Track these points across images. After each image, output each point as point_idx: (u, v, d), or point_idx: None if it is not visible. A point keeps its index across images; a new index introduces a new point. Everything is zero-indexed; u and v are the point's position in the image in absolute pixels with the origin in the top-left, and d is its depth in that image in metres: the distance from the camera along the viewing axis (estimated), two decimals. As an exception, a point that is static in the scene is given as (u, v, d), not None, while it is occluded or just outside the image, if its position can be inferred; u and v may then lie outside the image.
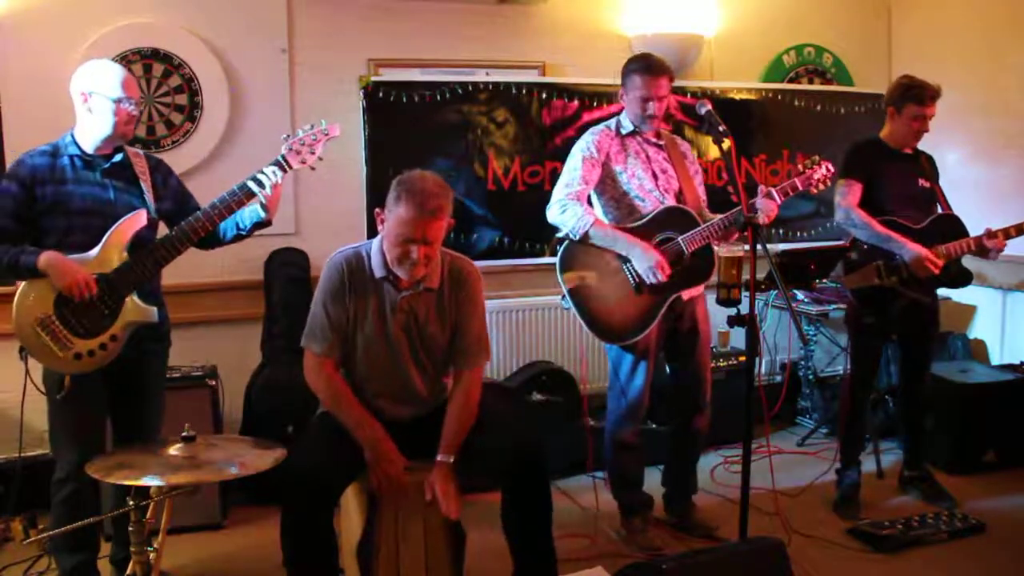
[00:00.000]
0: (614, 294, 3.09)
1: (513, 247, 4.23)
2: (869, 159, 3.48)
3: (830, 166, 3.15)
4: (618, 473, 3.35)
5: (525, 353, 4.36)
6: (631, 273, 3.08)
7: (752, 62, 4.86)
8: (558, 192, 3.14)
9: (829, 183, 3.16)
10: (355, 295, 2.49)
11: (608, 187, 3.20)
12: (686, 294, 3.17)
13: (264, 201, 2.69)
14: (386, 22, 4.12)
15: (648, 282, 3.04)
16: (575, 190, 3.11)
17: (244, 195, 2.66)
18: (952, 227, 3.47)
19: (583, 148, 3.17)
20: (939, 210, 3.54)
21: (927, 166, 3.58)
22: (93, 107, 2.58)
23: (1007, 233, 3.38)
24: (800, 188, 3.14)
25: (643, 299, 3.08)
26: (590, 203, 3.21)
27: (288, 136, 2.74)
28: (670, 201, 3.16)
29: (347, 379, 2.53)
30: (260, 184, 2.65)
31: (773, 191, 3.07)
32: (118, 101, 2.57)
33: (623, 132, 3.20)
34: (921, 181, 3.54)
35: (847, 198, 3.45)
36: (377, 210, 2.47)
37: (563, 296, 3.13)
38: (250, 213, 2.74)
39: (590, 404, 4.11)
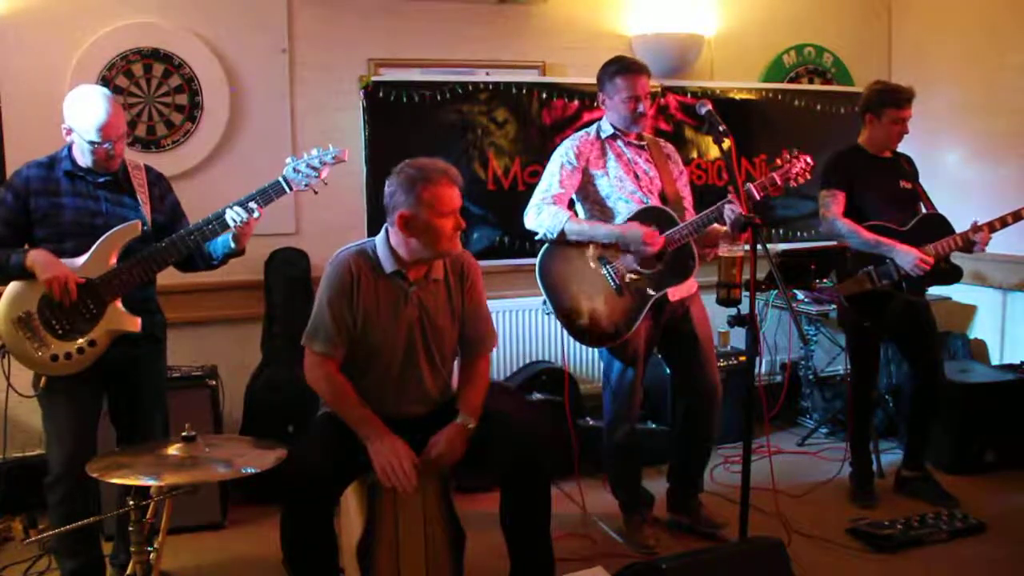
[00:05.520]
0: (595, 296, 3.10)
1: (513, 247, 4.22)
2: (849, 167, 3.53)
3: (809, 159, 3.09)
4: (614, 472, 3.38)
5: (525, 353, 4.36)
6: (611, 274, 3.08)
7: (752, 62, 4.85)
8: (535, 197, 3.17)
9: (809, 176, 3.11)
10: (363, 293, 2.49)
11: (590, 192, 3.21)
12: (674, 294, 3.16)
13: (236, 233, 2.64)
14: (386, 22, 4.12)
15: (645, 255, 3.03)
16: (552, 194, 3.13)
17: (219, 226, 2.63)
18: (937, 225, 3.50)
19: (562, 154, 3.19)
20: (923, 210, 3.56)
21: (907, 167, 3.64)
22: (75, 141, 2.60)
23: (992, 226, 3.41)
24: (779, 183, 3.05)
25: (625, 300, 3.08)
26: (573, 210, 3.21)
27: (293, 158, 2.72)
28: (653, 202, 3.16)
29: (354, 379, 2.51)
30: (234, 220, 2.61)
31: (751, 187, 3.03)
32: (94, 143, 2.56)
33: (603, 136, 3.22)
34: (902, 183, 3.59)
35: (831, 209, 3.50)
36: (400, 213, 2.40)
37: (544, 301, 3.14)
38: (222, 244, 2.71)
39: (588, 404, 4.12)
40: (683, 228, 3.06)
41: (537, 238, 3.19)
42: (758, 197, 3.03)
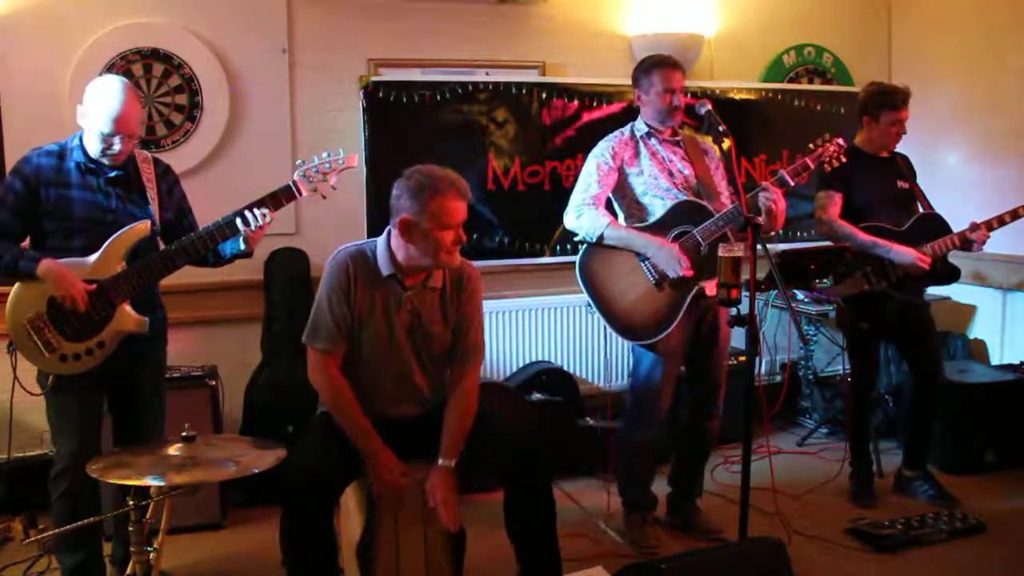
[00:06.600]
0: (636, 292, 3.11)
1: (513, 247, 4.22)
2: (847, 168, 3.50)
3: (841, 141, 3.12)
4: (627, 471, 3.37)
5: (525, 353, 4.36)
6: (650, 270, 3.10)
7: (752, 62, 4.85)
8: (575, 198, 3.20)
9: (844, 158, 3.14)
10: (360, 292, 2.49)
11: (627, 191, 3.23)
12: (709, 288, 3.14)
13: (245, 236, 2.65)
14: (386, 22, 4.12)
15: (671, 276, 3.05)
16: (592, 194, 3.15)
17: (230, 229, 2.64)
18: (935, 225, 3.50)
19: (598, 155, 3.21)
20: (920, 210, 3.56)
21: (904, 167, 3.64)
22: (90, 130, 2.58)
23: (989, 225, 3.42)
24: (812, 167, 3.09)
25: (665, 295, 3.10)
26: (610, 209, 3.23)
27: (303, 162, 2.72)
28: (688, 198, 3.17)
29: (349, 379, 2.52)
30: (246, 222, 2.61)
31: (784, 174, 3.05)
32: (106, 135, 2.55)
33: (638, 134, 3.23)
34: (899, 183, 3.59)
35: (828, 210, 3.52)
36: (403, 218, 2.40)
37: (588, 303, 3.16)
38: (231, 246, 2.71)
39: (592, 404, 4.12)
40: (717, 220, 3.06)
41: (576, 239, 3.24)
42: (792, 183, 3.06)
